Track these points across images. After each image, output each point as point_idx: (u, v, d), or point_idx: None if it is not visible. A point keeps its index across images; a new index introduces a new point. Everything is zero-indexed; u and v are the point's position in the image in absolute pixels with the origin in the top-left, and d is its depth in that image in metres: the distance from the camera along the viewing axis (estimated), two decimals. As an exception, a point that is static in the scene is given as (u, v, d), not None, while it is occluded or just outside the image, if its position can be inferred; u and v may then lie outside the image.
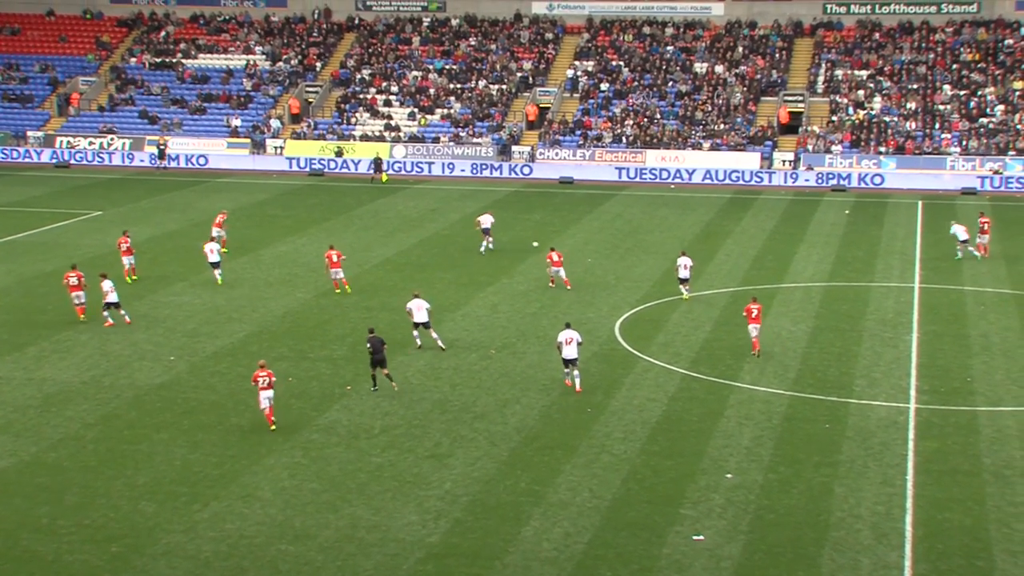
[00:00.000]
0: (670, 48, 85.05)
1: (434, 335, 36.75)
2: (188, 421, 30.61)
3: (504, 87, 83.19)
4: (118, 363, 35.26)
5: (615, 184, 72.31)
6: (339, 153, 77.75)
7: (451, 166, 76.11)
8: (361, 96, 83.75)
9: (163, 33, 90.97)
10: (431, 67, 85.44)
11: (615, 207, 64.40)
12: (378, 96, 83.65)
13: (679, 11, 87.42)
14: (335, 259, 43.83)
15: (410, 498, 26.09)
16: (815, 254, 51.83)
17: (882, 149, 74.62)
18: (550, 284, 44.83)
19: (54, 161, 78.91)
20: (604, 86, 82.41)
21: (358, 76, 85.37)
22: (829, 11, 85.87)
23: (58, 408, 31.33)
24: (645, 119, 79.03)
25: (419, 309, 36.59)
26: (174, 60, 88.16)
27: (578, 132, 78.77)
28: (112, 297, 38.96)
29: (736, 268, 48.81)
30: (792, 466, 27.88)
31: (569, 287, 44.26)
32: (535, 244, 52.08)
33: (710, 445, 29.10)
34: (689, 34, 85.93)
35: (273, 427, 29.95)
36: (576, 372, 33.01)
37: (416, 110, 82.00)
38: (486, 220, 51.92)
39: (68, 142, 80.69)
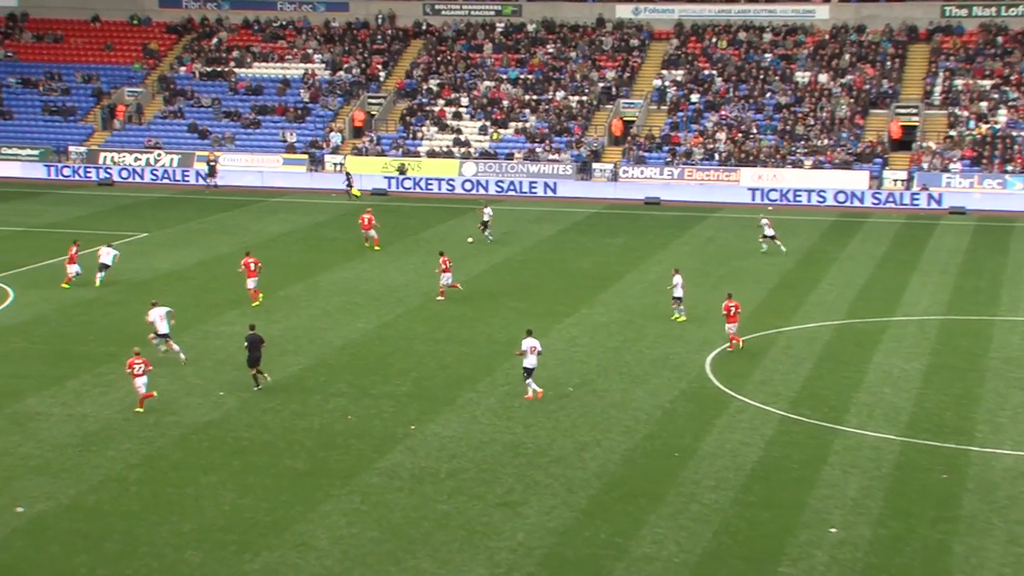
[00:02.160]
0: (768, 56, 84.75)
1: (175, 347, 38.84)
2: (238, 462, 30.94)
3: (584, 98, 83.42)
4: (163, 399, 35.73)
5: (706, 205, 72.07)
6: (402, 171, 78.43)
7: (526, 185, 76.39)
8: (428, 108, 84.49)
9: (215, 40, 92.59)
10: (504, 77, 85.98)
11: (706, 230, 64.13)
12: (447, 108, 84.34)
13: (779, 15, 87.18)
14: (252, 267, 46.65)
15: (479, 550, 26.10)
16: (930, 284, 51.20)
17: (1008, 167, 73.56)
18: (439, 297, 47.14)
19: (97, 178, 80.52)
20: (695, 97, 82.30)
21: (425, 86, 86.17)
22: (948, 14, 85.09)
23: (99, 447, 31.84)
24: (740, 134, 78.75)
25: (160, 319, 38.75)
26: (226, 69, 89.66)
27: (665, 148, 78.70)
28: (163, 327, 39.31)
29: (841, 299, 48.37)
30: (904, 521, 27.49)
31: (442, 297, 46.94)
32: (470, 240, 56.96)
33: (812, 496, 28.79)
34: (790, 40, 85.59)
35: (142, 408, 34.07)
36: (530, 380, 35.48)
37: (488, 124, 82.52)
38: (487, 213, 58.15)
39: (112, 158, 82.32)
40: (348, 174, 75.63)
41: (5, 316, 45.00)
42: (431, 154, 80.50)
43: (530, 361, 35.45)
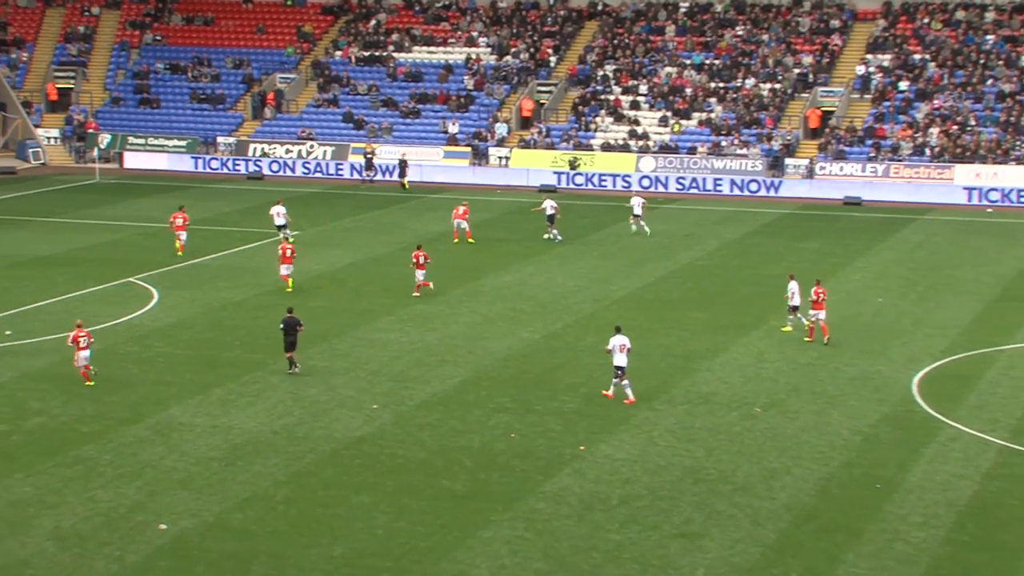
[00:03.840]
0: (990, 38, 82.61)
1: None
2: (392, 482, 31.37)
3: (777, 86, 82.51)
4: (313, 411, 36.48)
5: (914, 206, 70.65)
6: (574, 165, 78.63)
7: (709, 182, 75.88)
8: (603, 97, 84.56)
9: (373, 22, 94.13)
10: (688, 62, 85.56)
11: (914, 235, 62.90)
12: (623, 97, 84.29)
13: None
14: (288, 254, 49.99)
15: (654, 586, 26.03)
16: None
17: None
18: (415, 293, 49.02)
19: (246, 172, 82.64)
20: (903, 85, 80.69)
21: (600, 73, 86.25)
22: None
23: (245, 462, 32.64)
24: (955, 126, 76.93)
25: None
26: (384, 54, 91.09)
27: (869, 142, 77.35)
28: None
29: (1073, 314, 46.97)
30: None
31: (417, 293, 48.67)
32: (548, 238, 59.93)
33: (1035, 538, 28.03)
34: (1017, 19, 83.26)
35: (91, 383, 37.57)
36: (626, 382, 35.89)
37: (669, 114, 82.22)
38: (548, 206, 58.76)
39: (263, 149, 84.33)
40: (403, 161, 77.63)
41: (148, 319, 46.48)
42: (605, 147, 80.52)
43: (620, 359, 36.33)
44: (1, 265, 55.73)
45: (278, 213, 59.76)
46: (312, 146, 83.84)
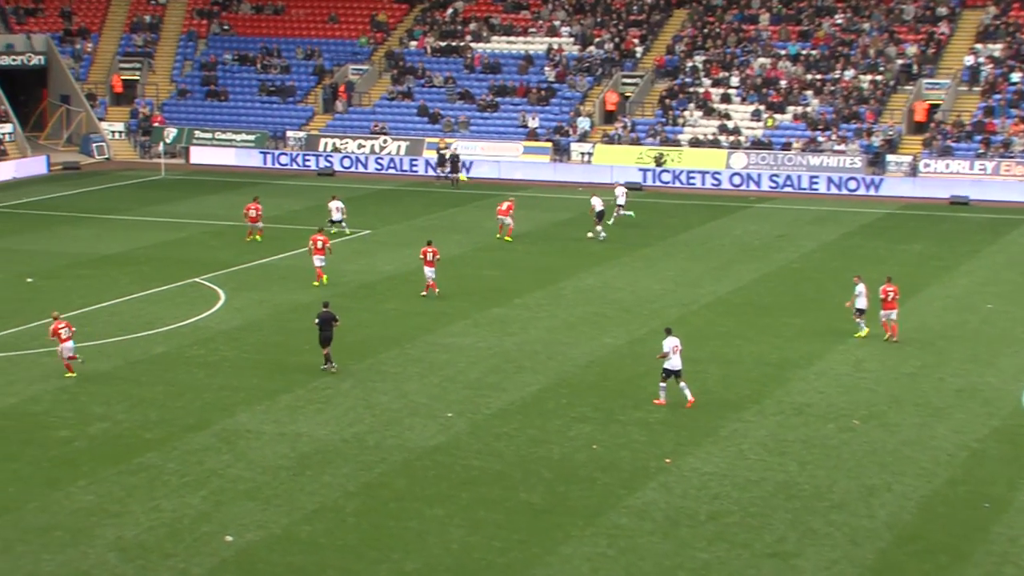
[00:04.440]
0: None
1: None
2: (467, 494, 31.48)
3: (879, 78, 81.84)
4: (385, 419, 36.69)
5: (1027, 206, 69.99)
6: (660, 161, 78.46)
7: (805, 180, 75.42)
8: (692, 90, 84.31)
9: (450, 11, 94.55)
10: (783, 52, 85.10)
11: (1026, 237, 62.36)
12: (713, 90, 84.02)
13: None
14: (320, 245, 51.65)
15: (744, 608, 25.94)
16: None
17: None
18: (423, 293, 49.88)
19: (316, 167, 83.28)
20: (1016, 77, 79.72)
21: (689, 64, 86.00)
22: None
23: (314, 471, 32.89)
24: (1070, 120, 75.95)
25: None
26: (462, 44, 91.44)
27: (977, 137, 76.51)
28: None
29: None
30: None
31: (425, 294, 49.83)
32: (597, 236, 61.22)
33: None
34: None
35: (73, 373, 39.74)
36: (683, 383, 36.91)
37: (762, 108, 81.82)
38: (598, 203, 59.38)
39: (334, 144, 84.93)
40: (455, 155, 78.10)
41: (215, 321, 46.98)
42: (694, 143, 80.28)
43: (674, 362, 36.93)
44: (63, 264, 56.58)
45: (337, 208, 60.98)
46: (385, 141, 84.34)
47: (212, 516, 30.08)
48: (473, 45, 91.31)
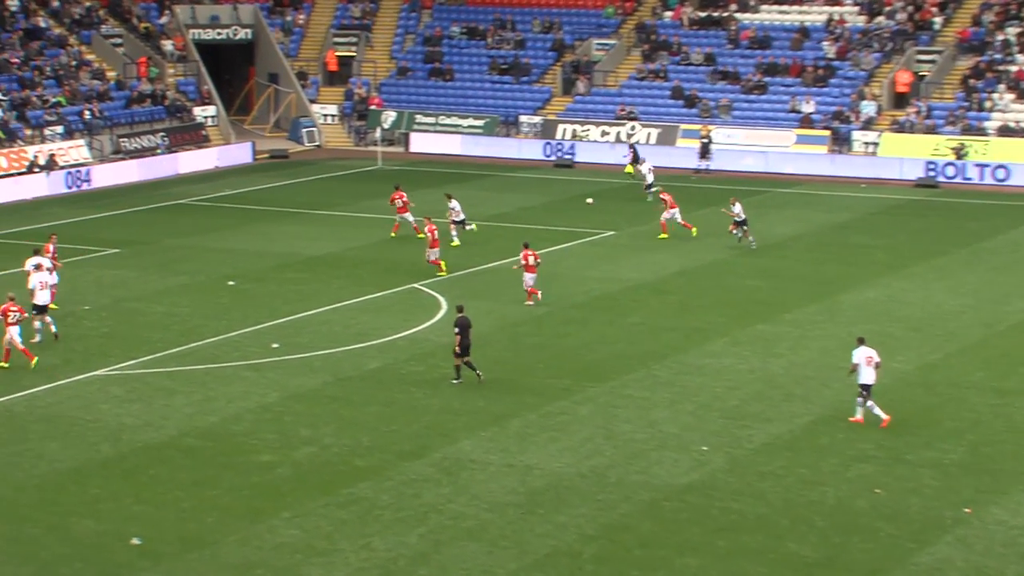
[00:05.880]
0: None
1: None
2: (725, 543, 31.31)
3: None
4: (629, 451, 36.70)
5: None
6: (961, 153, 76.95)
7: None
8: (1001, 68, 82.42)
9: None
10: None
11: None
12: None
13: None
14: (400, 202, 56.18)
15: None
16: None
17: None
18: (527, 303, 50.53)
19: (554, 157, 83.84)
20: None
21: (999, 38, 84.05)
22: None
23: (546, 510, 33.05)
24: None
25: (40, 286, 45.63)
26: (725, 14, 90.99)
27: None
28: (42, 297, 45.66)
29: None
30: None
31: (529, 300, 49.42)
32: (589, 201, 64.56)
33: None
34: None
35: (34, 362, 42.49)
36: (871, 402, 37.60)
37: (1086, 89, 79.67)
38: (739, 210, 59.15)
39: (574, 131, 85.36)
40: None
41: (435, 333, 47.60)
42: (1004, 131, 78.52)
43: (868, 376, 37.64)
44: (269, 266, 58.05)
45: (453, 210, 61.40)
46: (634, 127, 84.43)
47: (431, 558, 30.46)
48: (738, 16, 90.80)
